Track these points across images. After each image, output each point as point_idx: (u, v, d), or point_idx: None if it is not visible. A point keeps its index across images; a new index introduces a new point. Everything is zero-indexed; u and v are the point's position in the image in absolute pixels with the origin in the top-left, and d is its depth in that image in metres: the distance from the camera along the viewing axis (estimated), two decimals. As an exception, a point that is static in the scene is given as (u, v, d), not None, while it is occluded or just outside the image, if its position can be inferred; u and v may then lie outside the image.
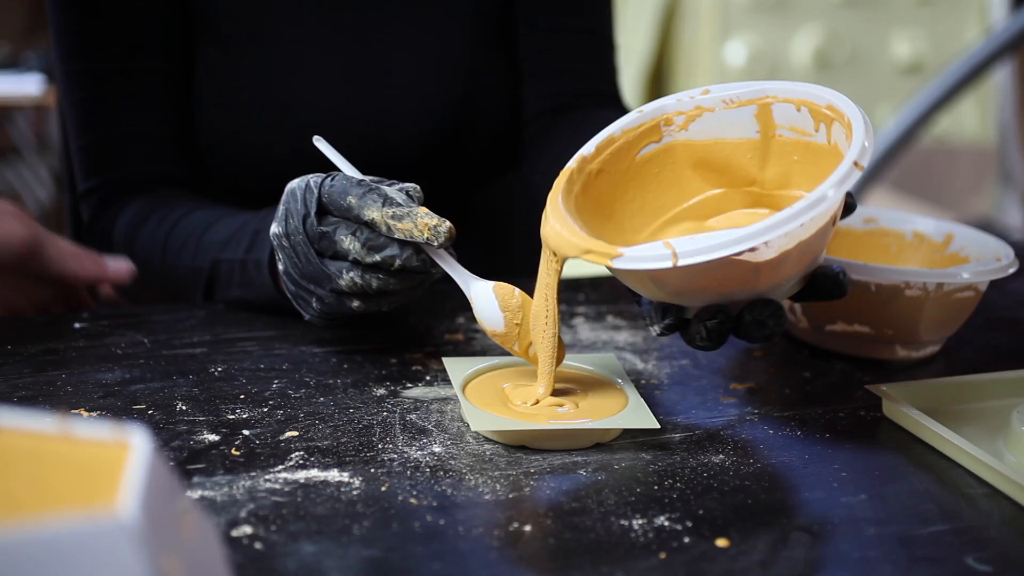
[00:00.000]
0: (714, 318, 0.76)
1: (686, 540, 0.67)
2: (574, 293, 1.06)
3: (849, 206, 0.79)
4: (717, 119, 0.84)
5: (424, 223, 0.80)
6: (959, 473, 0.77)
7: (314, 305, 0.86)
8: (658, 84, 3.14)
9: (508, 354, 0.85)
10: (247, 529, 0.66)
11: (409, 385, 0.86)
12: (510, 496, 0.71)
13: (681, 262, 0.71)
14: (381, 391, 0.85)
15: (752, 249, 0.71)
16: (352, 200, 0.81)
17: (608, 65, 1.16)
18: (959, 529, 0.70)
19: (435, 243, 0.81)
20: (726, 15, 3.05)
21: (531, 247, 1.29)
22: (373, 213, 0.81)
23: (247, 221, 0.99)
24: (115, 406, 0.81)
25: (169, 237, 1.04)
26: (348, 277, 0.82)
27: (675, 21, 3.12)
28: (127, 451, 0.47)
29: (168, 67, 1.09)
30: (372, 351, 0.92)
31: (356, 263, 0.82)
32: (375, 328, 0.96)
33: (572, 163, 0.84)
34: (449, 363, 0.85)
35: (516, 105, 1.15)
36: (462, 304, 1.02)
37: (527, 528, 0.68)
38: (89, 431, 0.48)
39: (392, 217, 0.80)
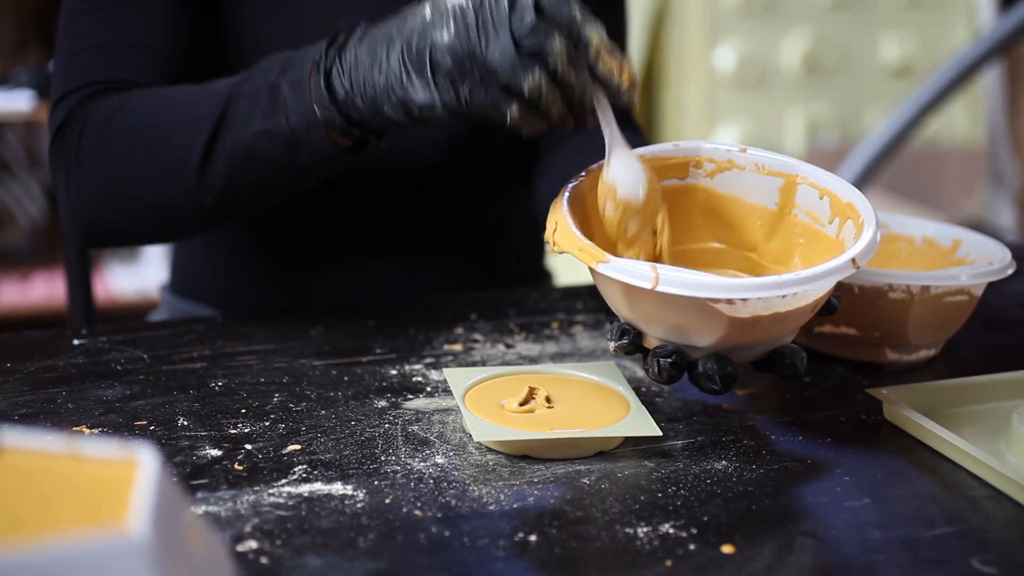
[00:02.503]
0: (668, 357, 0.76)
1: (692, 547, 0.67)
2: (572, 302, 1.06)
3: (831, 307, 0.80)
4: (743, 178, 0.86)
5: (628, 72, 0.78)
6: (961, 475, 0.77)
7: (463, 91, 0.79)
8: (648, 90, 3.14)
9: (507, 364, 0.85)
10: (252, 544, 0.66)
11: (410, 396, 0.86)
12: (514, 506, 0.71)
13: (660, 287, 0.72)
14: (382, 403, 0.85)
15: (730, 302, 0.72)
16: (576, 13, 0.77)
17: None
18: (963, 531, 0.70)
19: (625, 97, 0.78)
20: (715, 20, 3.05)
21: (534, 256, 1.29)
22: (593, 34, 0.77)
23: (271, 57, 0.90)
24: (116, 422, 0.81)
25: (163, 99, 0.92)
26: (536, 78, 0.76)
27: (664, 27, 3.13)
28: (135, 469, 0.47)
29: (186, 3, 1.00)
30: (372, 363, 0.92)
31: (552, 71, 0.77)
32: (375, 340, 0.96)
33: (595, 166, 0.85)
34: (450, 374, 0.85)
35: None
36: (460, 314, 1.02)
37: (532, 538, 0.68)
38: (96, 449, 0.48)
39: (607, 48, 0.77)
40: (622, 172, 0.81)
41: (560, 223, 0.79)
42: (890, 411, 0.84)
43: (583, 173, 0.85)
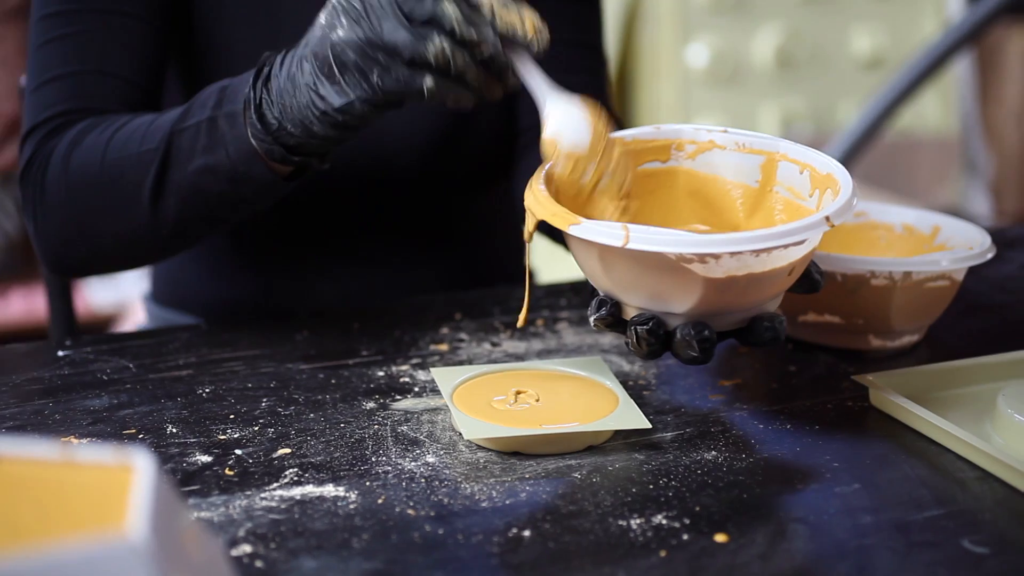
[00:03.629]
0: (645, 324, 0.76)
1: (685, 537, 0.68)
2: (556, 299, 1.06)
3: (814, 282, 0.79)
4: (725, 158, 0.86)
5: (531, 21, 0.77)
6: (949, 458, 0.77)
7: (374, 80, 0.79)
8: (622, 88, 3.15)
9: (494, 362, 0.85)
10: (247, 548, 0.66)
11: (398, 397, 0.86)
12: (507, 502, 0.72)
13: (631, 245, 0.72)
14: (370, 404, 0.85)
15: (702, 260, 0.72)
16: None
17: (600, 78, 1.17)
18: (953, 513, 0.71)
19: (535, 47, 0.77)
20: (686, 17, 3.06)
21: (516, 254, 1.29)
22: None
23: (207, 88, 0.90)
24: (105, 432, 0.80)
25: (114, 136, 0.93)
26: (438, 43, 0.76)
27: (636, 25, 3.14)
28: (130, 474, 0.47)
29: (152, 20, 1.01)
30: (359, 365, 0.92)
31: (451, 34, 0.76)
32: (361, 342, 0.96)
33: None
34: (437, 373, 0.85)
35: (511, 116, 1.15)
36: (445, 314, 1.02)
37: (526, 533, 0.68)
38: (91, 456, 0.48)
39: (502, 4, 0.76)
40: (560, 123, 0.80)
41: (535, 192, 0.79)
42: (876, 397, 0.84)
43: None
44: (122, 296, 2.90)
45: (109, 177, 0.92)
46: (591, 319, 0.79)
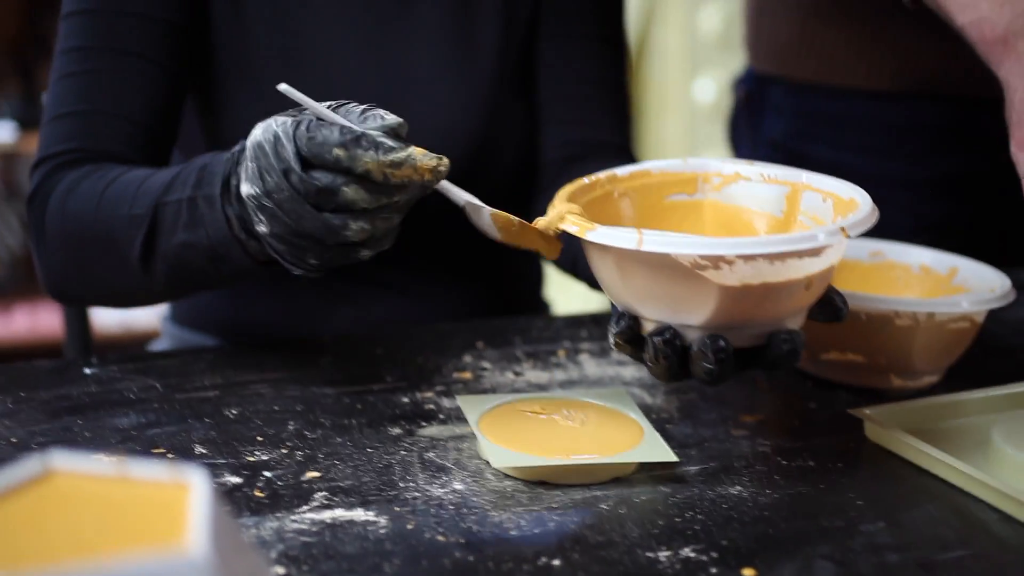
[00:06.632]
0: (662, 335, 0.76)
1: (713, 571, 0.68)
2: (577, 330, 1.07)
3: (837, 309, 0.80)
4: (750, 189, 0.88)
5: (423, 166, 0.77)
6: (969, 499, 0.78)
7: (311, 261, 0.82)
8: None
9: (517, 391, 0.85)
10: (279, 570, 0.67)
11: (424, 424, 0.87)
12: (535, 531, 0.72)
13: (644, 247, 0.73)
14: (397, 430, 0.85)
15: (715, 264, 0.73)
16: (340, 153, 0.76)
17: (623, 116, 1.18)
18: (978, 555, 0.71)
19: (437, 180, 0.78)
20: (694, 53, 3.08)
21: (534, 285, 1.30)
22: (368, 164, 0.76)
23: (191, 162, 0.91)
24: (134, 450, 0.81)
25: (107, 190, 0.95)
26: (358, 227, 0.78)
27: (644, 60, 3.16)
28: (185, 491, 0.48)
29: (168, 63, 1.04)
30: (383, 391, 0.92)
31: (364, 211, 0.78)
32: (385, 368, 0.97)
33: (601, 174, 0.87)
34: (463, 401, 0.86)
35: (531, 149, 1.17)
36: (467, 342, 1.03)
37: (556, 562, 0.69)
38: (146, 472, 0.49)
39: (390, 166, 0.77)
40: (478, 224, 0.84)
41: (559, 204, 0.82)
42: (871, 429, 0.85)
43: (601, 174, 0.87)
44: (126, 316, 2.90)
45: (103, 231, 0.95)
46: (611, 334, 0.80)
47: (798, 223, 0.86)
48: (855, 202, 0.81)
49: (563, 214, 0.80)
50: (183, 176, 0.91)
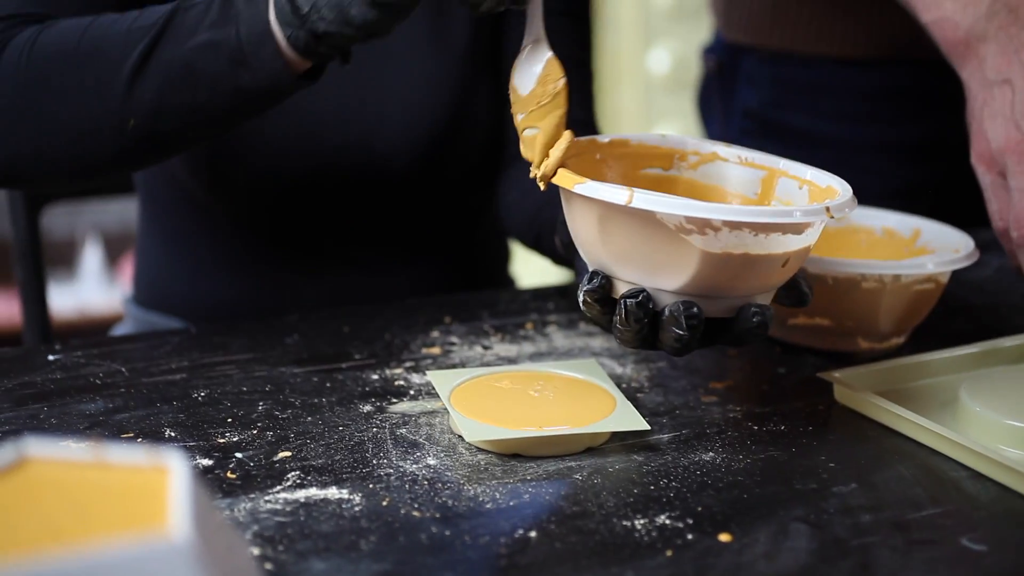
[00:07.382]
0: (635, 297, 0.76)
1: (689, 537, 0.68)
2: (543, 302, 1.07)
3: (803, 295, 0.80)
4: (726, 170, 0.88)
5: None
6: (939, 457, 0.79)
7: (352, 13, 0.79)
8: (585, 94, 3.17)
9: (487, 365, 0.85)
10: (255, 550, 0.66)
11: (394, 400, 0.86)
12: (511, 504, 0.72)
13: (634, 204, 0.73)
14: (367, 407, 0.85)
15: (702, 229, 0.73)
16: None
17: (587, 92, 1.18)
18: (950, 512, 0.72)
19: None
20: (648, 23, 3.08)
21: (498, 265, 1.30)
22: None
23: None
24: (103, 436, 0.80)
25: (97, 19, 0.88)
26: None
27: (597, 31, 3.15)
28: (164, 474, 0.47)
29: None
30: (352, 368, 0.92)
31: None
32: (353, 346, 0.96)
33: (583, 139, 0.87)
34: (434, 376, 0.86)
35: (501, 127, 1.16)
36: (434, 318, 1.02)
37: (532, 534, 0.69)
38: (123, 457, 0.48)
39: None
40: (523, 62, 0.83)
41: (552, 152, 0.82)
42: (840, 392, 0.86)
43: (583, 138, 0.87)
44: (80, 302, 2.87)
45: (84, 52, 0.87)
46: (581, 291, 0.79)
47: (772, 206, 0.86)
48: (832, 190, 0.81)
49: (554, 165, 0.80)
50: None
